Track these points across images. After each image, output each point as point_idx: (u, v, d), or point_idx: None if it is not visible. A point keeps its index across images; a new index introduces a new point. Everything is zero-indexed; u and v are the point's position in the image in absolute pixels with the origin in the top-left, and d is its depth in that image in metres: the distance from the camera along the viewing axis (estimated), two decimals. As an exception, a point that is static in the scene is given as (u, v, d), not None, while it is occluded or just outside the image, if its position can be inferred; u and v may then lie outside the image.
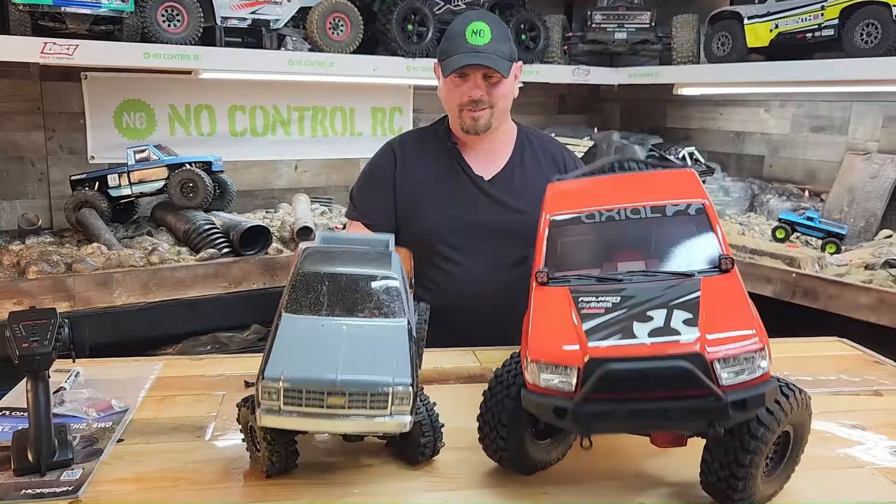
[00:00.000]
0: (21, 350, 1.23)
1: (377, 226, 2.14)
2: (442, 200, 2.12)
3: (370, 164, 2.25)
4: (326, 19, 3.03)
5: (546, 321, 1.16)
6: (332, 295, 1.25)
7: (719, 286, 1.14)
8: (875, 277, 2.54)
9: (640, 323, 1.08)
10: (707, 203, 1.24)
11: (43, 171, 3.13)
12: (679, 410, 1.05)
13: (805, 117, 3.66)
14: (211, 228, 2.82)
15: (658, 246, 1.23)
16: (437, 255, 2.11)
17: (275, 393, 1.12)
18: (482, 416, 1.23)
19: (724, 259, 1.17)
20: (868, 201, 3.25)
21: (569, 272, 1.23)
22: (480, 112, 2.06)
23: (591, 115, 4.70)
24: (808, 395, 1.18)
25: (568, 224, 1.28)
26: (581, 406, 1.06)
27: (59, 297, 2.38)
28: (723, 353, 1.04)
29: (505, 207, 2.13)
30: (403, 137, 2.29)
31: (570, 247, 1.27)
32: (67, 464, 1.27)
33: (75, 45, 2.52)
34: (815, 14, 3.00)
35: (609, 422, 1.08)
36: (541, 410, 1.11)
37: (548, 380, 1.09)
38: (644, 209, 1.25)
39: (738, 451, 1.09)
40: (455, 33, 2.05)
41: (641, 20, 3.70)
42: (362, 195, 2.21)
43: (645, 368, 1.03)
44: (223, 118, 3.51)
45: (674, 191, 1.28)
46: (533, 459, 1.25)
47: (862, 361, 1.91)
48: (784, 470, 1.20)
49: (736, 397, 1.03)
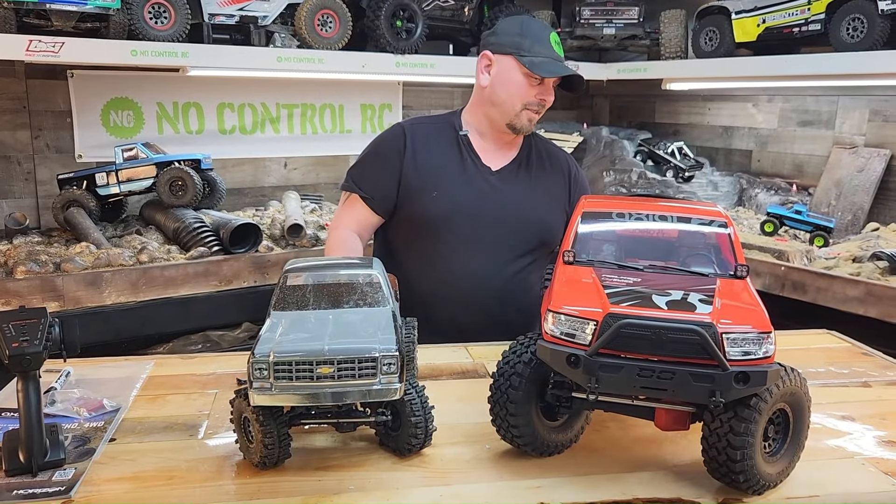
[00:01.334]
0: (11, 350, 1.22)
1: (376, 202, 2.15)
2: (449, 187, 2.13)
3: (378, 140, 2.23)
4: (315, 16, 3.02)
5: (569, 287, 1.24)
6: (317, 292, 1.31)
7: (733, 287, 1.24)
8: (863, 270, 2.57)
9: (659, 296, 1.17)
10: (729, 221, 1.36)
11: (30, 170, 3.11)
12: (685, 374, 1.11)
13: (792, 112, 3.69)
14: (201, 226, 2.80)
15: (678, 250, 1.34)
16: (438, 241, 2.12)
17: (266, 369, 1.15)
18: (491, 397, 1.29)
19: (739, 267, 1.27)
20: (855, 195, 3.27)
21: (594, 259, 1.33)
22: (536, 115, 2.12)
23: (580, 111, 4.71)
24: (802, 375, 1.22)
25: (599, 218, 1.38)
26: (593, 357, 1.13)
27: (48, 297, 2.36)
28: (732, 331, 1.12)
29: (510, 199, 2.16)
30: (415, 121, 2.29)
31: (598, 239, 1.37)
32: (59, 464, 1.27)
33: (61, 42, 2.50)
34: (801, 9, 3.02)
35: (617, 375, 1.13)
36: (555, 359, 1.17)
37: (565, 331, 1.17)
38: (671, 216, 1.37)
39: (734, 422, 1.14)
40: (538, 37, 2.08)
41: (630, 15, 3.71)
42: (365, 170, 2.19)
43: (659, 327, 1.11)
44: (212, 116, 3.49)
45: (700, 211, 1.40)
46: (544, 439, 1.30)
47: (851, 353, 1.93)
48: (788, 450, 1.23)
49: (741, 370, 1.10)
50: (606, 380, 1.14)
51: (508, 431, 1.29)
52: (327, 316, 1.28)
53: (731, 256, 1.30)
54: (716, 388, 1.10)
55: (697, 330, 1.09)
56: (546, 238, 2.21)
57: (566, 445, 1.34)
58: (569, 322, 1.17)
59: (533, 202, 2.18)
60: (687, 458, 1.32)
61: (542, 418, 1.30)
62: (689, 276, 1.27)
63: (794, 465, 1.24)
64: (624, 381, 1.15)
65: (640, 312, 1.13)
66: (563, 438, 1.33)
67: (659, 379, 1.12)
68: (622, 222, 1.38)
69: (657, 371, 1.12)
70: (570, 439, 1.35)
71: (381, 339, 1.20)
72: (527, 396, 1.26)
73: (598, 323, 1.13)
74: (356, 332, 1.23)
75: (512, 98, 2.09)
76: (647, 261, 1.31)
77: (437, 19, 3.42)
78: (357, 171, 2.20)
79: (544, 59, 2.05)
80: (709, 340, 1.09)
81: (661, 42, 3.67)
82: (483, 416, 1.48)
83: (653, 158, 3.92)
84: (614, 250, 1.35)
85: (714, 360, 1.10)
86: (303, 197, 3.54)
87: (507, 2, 3.65)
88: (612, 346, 1.13)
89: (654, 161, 3.91)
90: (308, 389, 1.17)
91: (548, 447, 1.31)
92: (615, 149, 3.99)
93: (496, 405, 1.29)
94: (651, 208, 1.39)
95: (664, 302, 1.16)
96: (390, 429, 1.31)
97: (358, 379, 1.17)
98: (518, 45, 2.08)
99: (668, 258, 1.32)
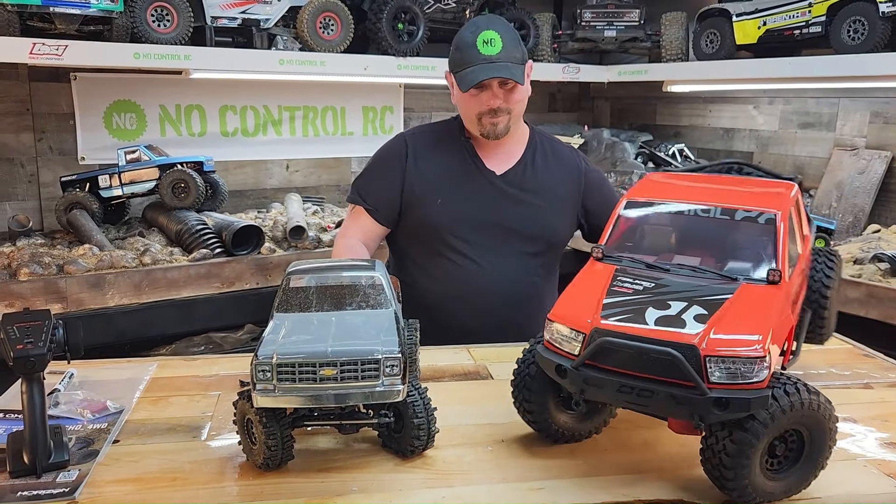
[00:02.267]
0: (16, 352, 1.23)
1: (379, 213, 2.17)
2: (453, 193, 2.13)
3: (381, 151, 2.25)
4: (317, 18, 3.03)
5: (578, 291, 1.27)
6: (320, 294, 1.31)
7: (756, 294, 1.18)
8: (864, 272, 2.57)
9: (654, 309, 1.16)
10: (779, 214, 1.26)
11: (33, 172, 3.12)
12: (663, 394, 1.11)
13: (793, 114, 3.69)
14: (203, 228, 2.81)
15: (717, 246, 1.29)
16: (445, 247, 2.13)
17: (269, 370, 1.16)
18: (514, 381, 1.35)
19: (772, 272, 1.19)
20: (856, 196, 3.28)
21: (625, 254, 1.32)
22: (499, 119, 2.08)
23: (581, 113, 4.72)
24: (824, 398, 1.16)
25: (640, 208, 1.37)
26: (578, 369, 1.17)
27: (51, 299, 2.37)
28: (719, 352, 1.08)
29: (515, 202, 2.15)
30: (417, 130, 2.30)
31: (636, 231, 1.36)
32: (63, 465, 1.27)
33: (65, 45, 2.50)
34: (802, 11, 3.02)
35: (599, 388, 1.16)
36: (547, 366, 1.23)
37: (558, 340, 1.22)
38: (714, 209, 1.31)
39: (728, 443, 1.12)
40: (466, 44, 2.04)
41: (631, 18, 3.72)
42: (369, 181, 2.21)
43: (638, 347, 1.11)
44: (214, 118, 3.50)
45: (755, 199, 1.32)
46: (560, 426, 1.35)
47: (852, 355, 1.93)
48: (800, 470, 1.18)
49: (720, 396, 1.07)
50: (591, 392, 1.17)
51: (525, 415, 1.36)
52: (330, 318, 1.28)
53: (770, 257, 1.22)
54: (693, 412, 1.09)
55: (673, 354, 1.08)
56: (554, 241, 2.22)
57: (586, 435, 1.38)
58: (560, 333, 1.21)
59: (539, 205, 2.17)
60: (690, 460, 1.32)
61: (562, 407, 1.35)
62: (713, 278, 1.22)
63: (808, 484, 1.20)
64: (605, 394, 1.17)
65: (624, 329, 1.14)
66: (582, 427, 1.37)
67: (639, 396, 1.13)
68: (662, 214, 1.34)
69: (637, 389, 1.12)
70: (589, 430, 1.38)
71: (383, 340, 1.21)
72: (543, 385, 1.31)
73: (586, 336, 1.16)
74: (359, 333, 1.24)
75: (467, 112, 2.11)
76: (682, 256, 1.28)
77: (439, 22, 3.42)
78: (361, 184, 2.22)
79: (470, 69, 2.01)
80: (685, 364, 1.07)
81: (662, 44, 3.67)
82: (485, 417, 1.49)
83: (654, 160, 3.93)
84: (650, 244, 1.33)
85: (692, 383, 1.08)
86: (304, 199, 3.55)
87: (507, 4, 3.66)
88: (597, 360, 1.15)
89: (656, 163, 3.92)
90: (311, 391, 1.17)
91: (562, 434, 1.35)
92: (616, 151, 4.00)
93: (516, 389, 1.35)
94: (701, 198, 1.32)
95: (655, 318, 1.14)
96: (393, 430, 1.32)
97: (361, 381, 1.17)
98: (452, 62, 2.09)
99: (706, 254, 1.27)
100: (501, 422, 1.45)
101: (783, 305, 1.19)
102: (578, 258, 3.36)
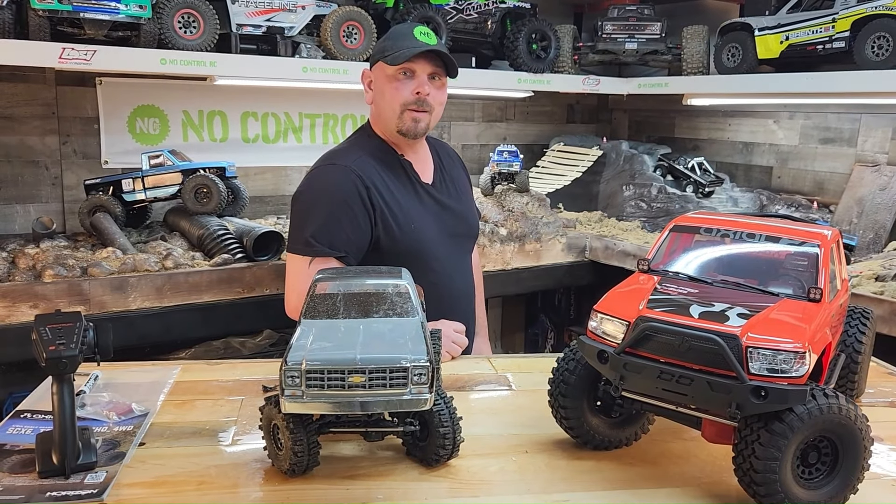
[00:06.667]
0: (48, 353, 1.24)
1: (351, 255, 2.02)
2: (410, 214, 2.11)
3: (332, 192, 2.03)
4: (340, 27, 3.05)
5: (624, 291, 1.33)
6: (347, 301, 1.32)
7: (797, 307, 1.23)
8: (886, 289, 2.54)
9: (698, 306, 1.21)
10: (823, 244, 1.32)
11: (57, 175, 3.15)
12: (703, 381, 1.14)
13: (814, 129, 3.68)
14: (225, 234, 2.83)
15: (760, 269, 1.35)
16: (418, 270, 2.04)
17: (298, 377, 1.17)
18: (550, 390, 1.39)
19: (813, 289, 1.25)
20: (877, 213, 3.25)
21: (670, 269, 1.39)
22: (422, 114, 2.09)
23: (599, 125, 4.72)
24: (862, 413, 1.17)
25: (686, 231, 1.43)
26: (620, 355, 1.21)
27: (74, 301, 2.39)
28: (761, 344, 1.12)
29: (450, 209, 2.24)
30: (351, 159, 2.11)
31: (682, 250, 1.41)
32: (91, 466, 1.29)
33: (93, 50, 2.53)
34: (826, 26, 3.01)
35: (640, 375, 1.19)
36: (589, 353, 1.28)
37: (602, 329, 1.26)
38: (759, 235, 1.37)
39: (763, 433, 1.13)
40: (401, 34, 2.07)
41: (652, 31, 3.72)
42: (333, 227, 2.00)
43: (681, 333, 1.15)
44: (235, 124, 3.53)
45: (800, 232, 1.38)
46: (595, 432, 1.37)
47: (876, 373, 1.92)
48: (834, 485, 1.18)
49: (759, 385, 1.10)
50: (631, 378, 1.20)
51: (561, 420, 1.39)
52: (357, 325, 1.29)
53: (813, 280, 1.28)
54: (732, 399, 1.11)
55: (716, 340, 1.12)
56: (475, 232, 2.38)
57: (622, 443, 1.41)
58: (605, 321, 1.26)
59: (462, 204, 2.30)
60: (718, 475, 1.32)
61: (597, 412, 1.37)
62: (754, 293, 1.28)
63: (840, 501, 1.19)
64: (646, 382, 1.20)
65: (668, 318, 1.18)
66: (617, 435, 1.39)
67: (678, 383, 1.16)
68: (708, 237, 1.40)
69: (676, 375, 1.16)
70: (624, 438, 1.40)
71: (411, 349, 1.21)
72: (579, 390, 1.35)
73: (630, 324, 1.20)
74: (386, 341, 1.24)
75: (390, 102, 2.10)
76: (724, 276, 1.33)
77: (461, 32, 3.44)
78: (321, 233, 1.99)
79: (402, 51, 2.02)
80: (727, 350, 1.11)
81: (683, 57, 3.67)
82: (508, 428, 1.49)
83: (672, 173, 3.92)
84: (694, 266, 1.38)
85: (732, 372, 1.11)
86: (323, 206, 3.56)
87: (529, 16, 3.67)
88: (640, 347, 1.19)
89: (674, 176, 3.91)
90: (339, 398, 1.18)
91: (596, 440, 1.38)
92: (635, 163, 3.99)
93: (552, 394, 1.39)
94: (745, 227, 1.39)
95: (699, 312, 1.19)
96: (418, 439, 1.32)
97: (388, 388, 1.18)
98: (382, 50, 2.10)
99: (748, 276, 1.33)
100: (526, 432, 1.46)
101: (822, 321, 1.22)
102: (596, 269, 3.38)
